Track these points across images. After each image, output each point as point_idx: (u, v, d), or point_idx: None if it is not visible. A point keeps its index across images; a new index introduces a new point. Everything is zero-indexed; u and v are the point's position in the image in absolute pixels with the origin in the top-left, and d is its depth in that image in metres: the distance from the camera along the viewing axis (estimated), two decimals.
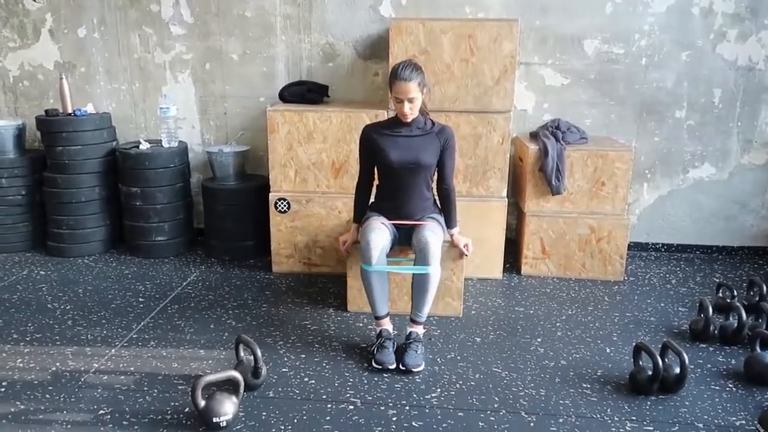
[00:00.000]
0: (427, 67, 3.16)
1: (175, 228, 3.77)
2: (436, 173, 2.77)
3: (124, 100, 3.96)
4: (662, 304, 3.17)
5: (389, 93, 2.61)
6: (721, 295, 3.14)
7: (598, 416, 2.20)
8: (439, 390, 2.36)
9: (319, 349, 2.67)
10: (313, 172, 3.41)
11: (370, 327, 2.87)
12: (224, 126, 3.95)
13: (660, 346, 2.41)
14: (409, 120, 2.61)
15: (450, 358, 2.61)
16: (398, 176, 2.68)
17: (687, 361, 2.28)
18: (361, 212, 2.86)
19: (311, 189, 3.44)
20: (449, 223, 2.79)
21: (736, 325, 2.72)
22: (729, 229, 3.88)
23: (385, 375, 2.47)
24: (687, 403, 2.29)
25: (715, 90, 3.67)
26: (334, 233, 3.45)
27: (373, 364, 2.50)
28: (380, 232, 2.59)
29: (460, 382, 2.41)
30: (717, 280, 3.48)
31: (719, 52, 3.61)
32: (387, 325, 2.63)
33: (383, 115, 3.28)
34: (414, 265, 2.57)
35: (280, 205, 3.44)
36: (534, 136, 3.62)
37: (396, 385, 2.39)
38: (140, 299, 3.16)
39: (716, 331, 2.77)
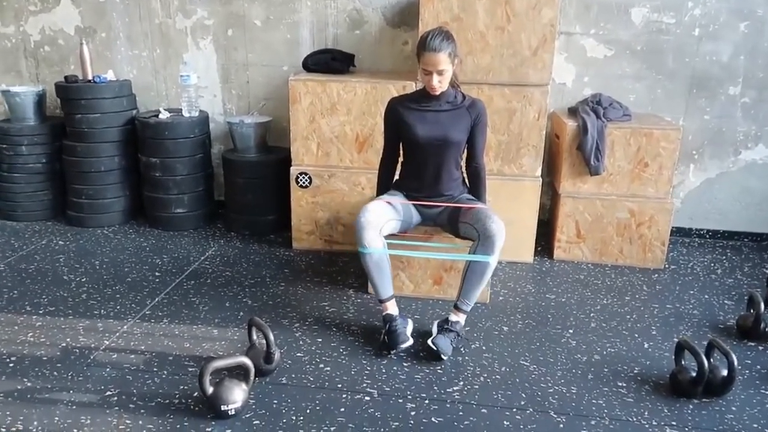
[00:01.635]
0: (460, 36, 2.94)
1: (194, 200, 3.67)
2: (465, 150, 2.58)
3: (144, 67, 3.84)
4: (706, 296, 2.94)
5: (417, 64, 2.41)
6: None
7: (634, 419, 2.03)
8: (462, 383, 2.21)
9: (336, 333, 2.55)
10: (336, 146, 3.25)
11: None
12: (246, 95, 3.81)
13: (705, 344, 2.21)
14: (437, 93, 2.41)
15: (475, 348, 2.45)
16: (425, 153, 2.50)
17: (735, 363, 2.08)
18: (385, 190, 2.70)
19: (334, 163, 3.28)
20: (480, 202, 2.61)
21: None
22: None
23: (404, 364, 2.33)
24: (734, 408, 2.10)
25: None
26: (357, 210, 3.26)
27: (384, 351, 2.36)
28: (377, 213, 2.42)
29: (485, 375, 2.26)
30: (765, 272, 3.24)
31: None
32: (391, 308, 2.45)
33: (411, 87, 3.08)
34: (475, 252, 2.38)
35: (301, 180, 3.29)
36: (573, 111, 3.38)
37: (416, 376, 2.25)
38: (156, 273, 3.08)
39: (767, 329, 2.55)
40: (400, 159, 2.67)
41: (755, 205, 3.61)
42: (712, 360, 2.16)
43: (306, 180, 3.29)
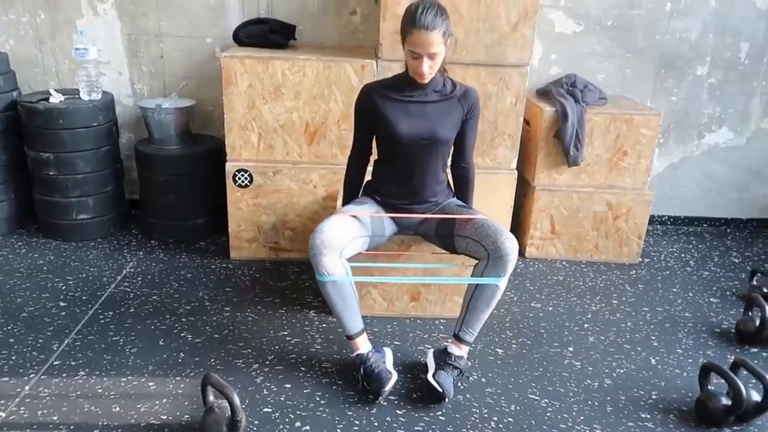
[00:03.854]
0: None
1: (102, 203, 3.00)
2: (452, 148, 2.17)
3: (25, 36, 3.05)
4: (690, 294, 2.77)
5: (402, 44, 1.94)
6: (755, 283, 2.78)
7: None
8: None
9: (307, 374, 2.09)
10: (281, 137, 2.72)
11: None
12: (161, 73, 3.14)
13: (730, 363, 1.99)
14: (426, 81, 1.97)
15: (473, 381, 2.09)
16: (408, 154, 2.06)
17: None
18: (353, 195, 2.25)
19: (279, 158, 2.76)
20: None
21: None
22: (740, 200, 3.53)
23: (398, 411, 1.92)
24: None
25: (743, 43, 3.21)
26: (308, 212, 2.81)
27: (368, 397, 1.95)
28: (335, 232, 1.93)
29: (495, 419, 1.91)
30: (736, 260, 3.15)
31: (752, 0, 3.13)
32: (363, 345, 2.01)
33: (371, 67, 2.61)
34: (483, 273, 1.96)
35: (239, 178, 2.74)
36: (543, 94, 3.06)
37: (416, 428, 1.86)
38: (61, 303, 2.44)
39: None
40: (373, 157, 2.22)
41: (715, 190, 3.51)
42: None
43: (246, 178, 2.74)
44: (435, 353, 2.08)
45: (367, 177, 2.27)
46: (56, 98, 2.85)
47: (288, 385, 2.02)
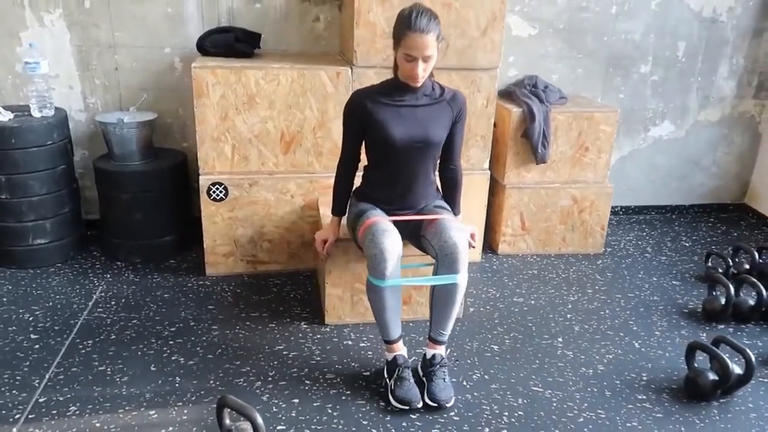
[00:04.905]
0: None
1: (60, 226, 2.82)
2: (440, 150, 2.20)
3: None
4: (654, 279, 2.95)
5: (395, 48, 1.95)
6: (711, 264, 3.00)
7: None
8: (487, 429, 1.89)
9: (312, 386, 2.06)
10: (256, 148, 2.66)
11: (362, 345, 2.30)
12: (116, 86, 2.99)
13: (712, 340, 2.15)
14: (419, 84, 1.99)
15: (477, 379, 2.14)
16: (401, 158, 2.08)
17: (753, 360, 2.03)
18: (344, 202, 2.24)
19: (254, 169, 2.70)
20: (453, 210, 2.26)
21: (753, 301, 2.55)
22: (682, 188, 3.79)
23: (412, 416, 1.94)
24: (751, 405, 2.05)
25: (680, 43, 3.45)
26: (286, 223, 2.77)
27: (394, 403, 1.96)
28: (394, 235, 2.00)
29: (506, 414, 1.96)
30: (687, 244, 3.38)
31: (686, 2, 3.37)
32: (401, 349, 2.07)
33: (346, 74, 2.61)
34: (436, 274, 2.02)
35: (214, 192, 2.66)
36: (506, 95, 3.16)
37: (433, 430, 1.88)
38: (32, 335, 2.28)
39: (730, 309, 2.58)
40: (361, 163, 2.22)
41: (660, 180, 3.75)
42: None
43: (221, 192, 2.66)
44: (421, 366, 2.10)
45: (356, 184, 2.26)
46: (5, 116, 2.66)
47: (296, 401, 1.98)
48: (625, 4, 3.31)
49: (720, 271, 2.90)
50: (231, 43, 2.75)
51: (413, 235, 2.17)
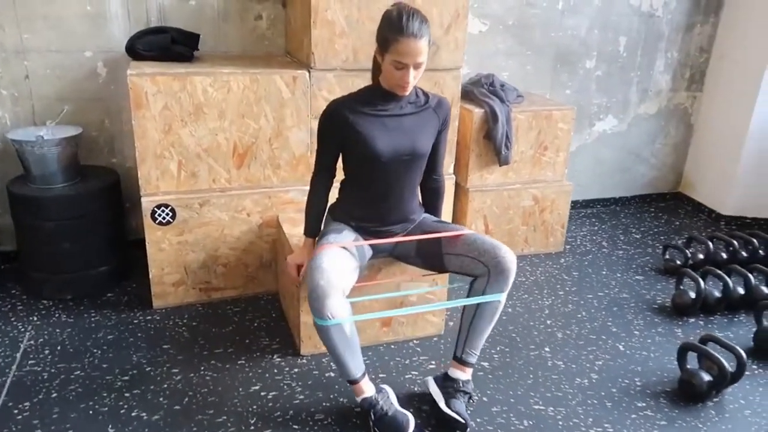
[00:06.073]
0: (362, 11, 2.36)
1: None
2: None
3: None
4: (618, 275, 2.96)
5: (381, 54, 1.76)
6: (668, 256, 3.05)
7: None
8: None
9: (302, 431, 1.84)
10: (206, 163, 2.38)
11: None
12: (27, 96, 2.59)
13: (699, 339, 2.16)
14: (408, 93, 1.82)
15: (477, 401, 2.01)
16: (387, 172, 1.90)
17: (745, 357, 2.04)
18: (318, 222, 2.03)
19: (205, 186, 2.41)
20: None
21: (719, 293, 2.60)
22: (624, 179, 3.87)
23: None
24: (742, 401, 2.07)
25: (621, 38, 3.49)
26: (242, 243, 2.51)
27: None
28: (337, 268, 1.75)
29: None
30: (637, 236, 3.44)
31: None
32: (367, 389, 1.83)
33: (304, 78, 2.38)
34: (485, 290, 1.85)
35: (160, 215, 2.35)
36: (463, 95, 3.03)
37: None
38: None
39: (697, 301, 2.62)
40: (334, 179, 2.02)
41: (605, 173, 3.80)
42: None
43: (167, 214, 2.36)
44: (437, 381, 1.96)
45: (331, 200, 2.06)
46: None
47: None
48: (570, 0, 3.29)
49: (678, 263, 2.96)
50: (167, 45, 2.44)
51: (425, 254, 2.00)
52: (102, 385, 2.01)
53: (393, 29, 1.69)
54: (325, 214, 2.05)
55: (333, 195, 2.05)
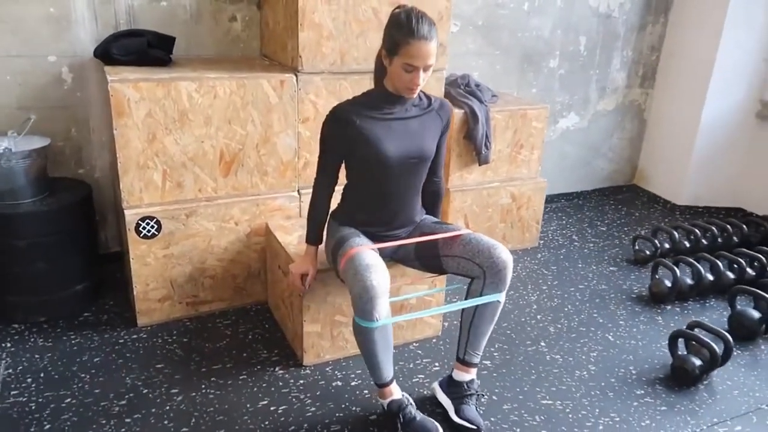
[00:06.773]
0: (348, 13, 2.34)
1: None
2: None
3: None
4: (594, 267, 3.07)
5: (389, 57, 1.74)
6: (638, 247, 3.19)
7: (690, 429, 1.94)
8: None
9: None
10: (192, 171, 2.28)
11: (354, 384, 2.09)
12: None
13: (686, 325, 2.27)
14: (415, 95, 1.81)
15: (486, 401, 2.03)
16: (394, 176, 1.88)
17: (732, 342, 2.17)
18: (321, 228, 1.99)
19: (191, 196, 2.31)
20: None
21: (690, 280, 2.74)
22: (586, 174, 4.02)
23: None
24: (729, 383, 2.19)
25: (581, 38, 3.62)
26: (230, 254, 2.43)
27: None
28: (381, 268, 1.75)
29: None
30: (603, 229, 3.57)
31: None
32: (396, 391, 1.85)
33: (291, 81, 2.33)
34: (482, 292, 1.85)
35: (144, 228, 2.24)
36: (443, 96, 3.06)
37: None
38: None
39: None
40: (338, 184, 1.98)
41: (568, 168, 3.93)
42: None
43: (152, 227, 2.25)
44: (443, 387, 1.96)
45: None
46: None
47: None
48: (535, 1, 3.38)
49: (648, 253, 3.10)
50: (144, 48, 2.32)
51: (423, 256, 1.99)
52: (98, 412, 1.89)
53: (403, 32, 1.68)
54: (328, 219, 2.01)
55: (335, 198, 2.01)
